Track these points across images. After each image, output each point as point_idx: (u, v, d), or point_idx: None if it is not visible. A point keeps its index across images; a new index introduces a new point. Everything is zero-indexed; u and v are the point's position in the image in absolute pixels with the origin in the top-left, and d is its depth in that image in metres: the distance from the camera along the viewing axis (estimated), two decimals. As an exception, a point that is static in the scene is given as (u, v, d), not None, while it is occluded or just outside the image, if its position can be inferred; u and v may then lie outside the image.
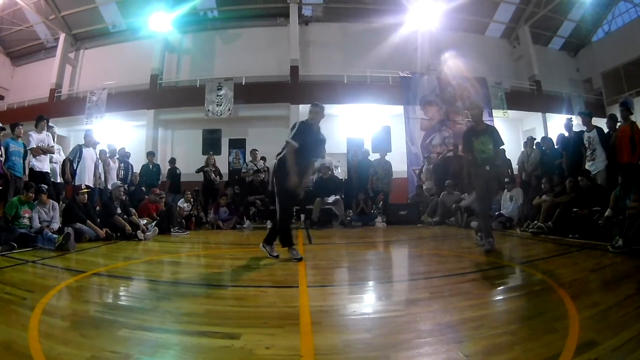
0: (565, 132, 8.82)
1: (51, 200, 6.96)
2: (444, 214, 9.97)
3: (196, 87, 15.51)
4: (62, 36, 17.65)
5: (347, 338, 2.16)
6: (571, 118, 9.28)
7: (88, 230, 6.96)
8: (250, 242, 7.70)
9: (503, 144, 5.63)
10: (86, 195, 7.52)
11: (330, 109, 14.72)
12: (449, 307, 2.70)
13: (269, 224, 9.75)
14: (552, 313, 2.46)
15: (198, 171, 11.24)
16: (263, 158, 11.67)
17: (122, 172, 10.20)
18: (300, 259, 4.58)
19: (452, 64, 16.22)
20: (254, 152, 11.60)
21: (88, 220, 7.10)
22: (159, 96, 15.93)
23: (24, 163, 7.69)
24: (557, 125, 12.70)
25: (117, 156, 10.22)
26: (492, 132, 5.60)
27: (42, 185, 7.07)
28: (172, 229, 8.54)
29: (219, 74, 15.73)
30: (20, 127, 7.78)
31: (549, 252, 4.94)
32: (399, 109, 15.02)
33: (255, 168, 11.03)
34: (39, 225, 6.41)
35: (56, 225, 6.67)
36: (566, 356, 1.79)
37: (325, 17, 17.38)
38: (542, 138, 10.56)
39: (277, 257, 4.77)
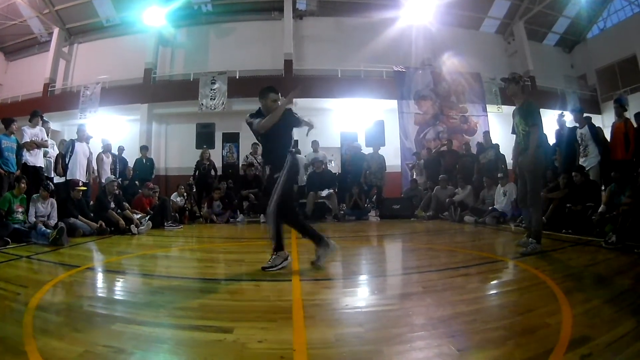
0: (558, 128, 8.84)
1: (51, 199, 6.91)
2: (438, 209, 10.00)
3: (190, 81, 15.41)
4: (55, 30, 17.47)
5: (339, 332, 2.17)
6: (562, 113, 9.25)
7: (82, 225, 6.95)
8: (243, 236, 7.72)
9: (534, 124, 4.60)
10: (81, 192, 7.50)
11: (324, 103, 14.94)
12: (442, 302, 2.71)
13: (262, 218, 9.75)
14: (546, 308, 2.47)
15: (196, 168, 11.19)
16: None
17: (115, 166, 10.16)
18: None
19: (447, 59, 16.20)
20: (255, 145, 11.50)
21: (80, 216, 7.09)
22: (153, 90, 15.83)
23: (17, 158, 7.63)
24: (551, 121, 12.73)
25: (110, 150, 10.17)
26: (523, 108, 4.75)
27: (48, 182, 7.14)
28: (165, 223, 8.54)
29: (213, 68, 15.60)
30: (15, 123, 7.71)
31: (542, 247, 4.95)
32: (393, 103, 14.98)
33: (254, 161, 10.98)
34: (34, 219, 6.38)
35: (53, 221, 6.62)
36: (559, 351, 1.80)
37: (319, 11, 17.28)
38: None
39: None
